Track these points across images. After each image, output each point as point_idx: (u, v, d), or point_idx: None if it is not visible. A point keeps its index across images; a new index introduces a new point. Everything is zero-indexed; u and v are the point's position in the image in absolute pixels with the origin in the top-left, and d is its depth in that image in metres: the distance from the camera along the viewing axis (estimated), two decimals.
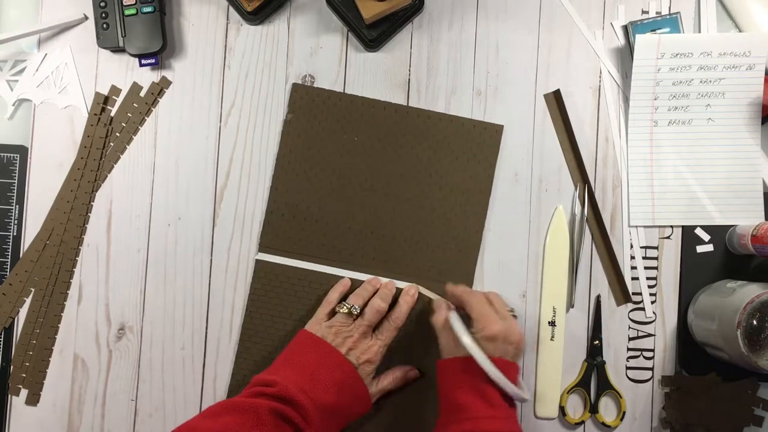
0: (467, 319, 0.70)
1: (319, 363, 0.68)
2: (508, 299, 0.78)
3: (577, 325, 0.79)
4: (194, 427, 0.62)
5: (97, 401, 0.78)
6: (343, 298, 0.75)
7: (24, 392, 0.78)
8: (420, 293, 0.77)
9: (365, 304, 0.74)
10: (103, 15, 0.78)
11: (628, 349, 0.79)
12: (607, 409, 0.79)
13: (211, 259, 0.79)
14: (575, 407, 0.79)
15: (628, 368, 0.79)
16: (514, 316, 0.77)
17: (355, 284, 0.78)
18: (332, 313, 0.74)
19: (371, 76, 0.80)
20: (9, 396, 0.78)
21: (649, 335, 0.79)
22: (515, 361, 0.69)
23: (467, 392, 0.66)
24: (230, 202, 0.80)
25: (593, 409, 0.78)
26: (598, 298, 0.79)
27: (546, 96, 0.81)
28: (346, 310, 0.73)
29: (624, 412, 0.78)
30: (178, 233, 0.79)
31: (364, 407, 0.71)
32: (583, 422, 0.78)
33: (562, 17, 0.81)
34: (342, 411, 0.68)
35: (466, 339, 0.67)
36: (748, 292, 0.69)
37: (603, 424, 0.78)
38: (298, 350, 0.71)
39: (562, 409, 0.78)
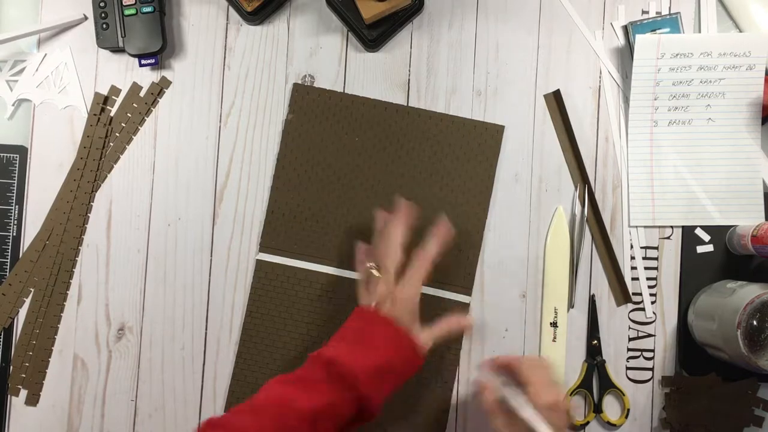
0: (515, 387, 0.65)
1: (361, 328, 0.66)
2: (509, 299, 0.79)
3: (577, 326, 0.79)
4: (292, 399, 0.61)
5: (96, 401, 0.78)
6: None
7: (24, 392, 0.78)
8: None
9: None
10: (103, 15, 0.78)
11: (628, 350, 0.79)
12: (610, 407, 0.79)
13: (211, 259, 0.79)
14: (579, 408, 0.78)
15: (628, 368, 0.79)
16: None
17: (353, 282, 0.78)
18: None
19: (371, 76, 0.80)
20: (9, 396, 0.78)
21: (649, 335, 0.79)
22: None
23: None
24: (230, 202, 0.80)
25: (597, 409, 0.78)
26: (593, 297, 0.79)
27: (546, 96, 0.81)
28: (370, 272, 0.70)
29: (628, 410, 0.78)
30: (178, 233, 0.79)
31: (418, 359, 0.67)
32: (588, 423, 0.78)
33: (562, 17, 0.81)
34: (395, 368, 0.65)
35: (529, 412, 0.61)
36: (748, 293, 0.69)
37: (608, 423, 0.78)
38: (347, 323, 0.68)
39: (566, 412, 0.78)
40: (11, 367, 0.78)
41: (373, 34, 0.78)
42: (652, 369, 0.79)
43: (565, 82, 0.80)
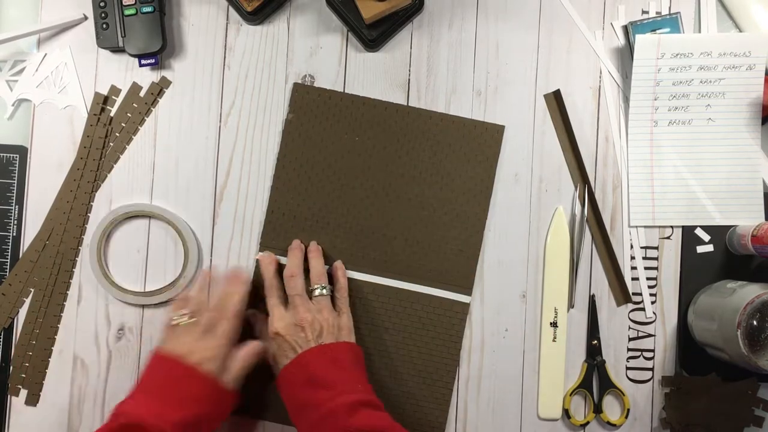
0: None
1: (165, 380, 0.67)
2: (509, 299, 0.79)
3: (577, 326, 0.79)
4: None
5: (96, 401, 0.78)
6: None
7: (24, 392, 0.78)
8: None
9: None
10: (103, 15, 0.78)
11: (628, 350, 0.79)
12: (610, 407, 0.79)
13: (211, 259, 0.79)
14: (579, 408, 0.79)
15: (628, 368, 0.79)
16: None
17: (353, 282, 0.78)
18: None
19: (371, 76, 0.80)
20: (9, 396, 0.78)
21: (649, 335, 0.79)
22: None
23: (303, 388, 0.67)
24: (230, 202, 0.79)
25: (597, 409, 0.78)
26: (593, 297, 0.79)
27: (546, 96, 0.81)
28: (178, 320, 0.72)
29: (628, 410, 0.78)
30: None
31: (229, 403, 0.70)
32: (588, 423, 0.78)
33: (562, 17, 0.81)
34: (205, 419, 0.67)
35: None
36: (749, 293, 0.69)
37: (608, 423, 0.78)
38: (147, 371, 0.69)
39: (566, 412, 0.78)
40: (11, 367, 0.78)
41: (373, 34, 0.78)
42: (652, 369, 0.79)
43: (565, 82, 0.80)
